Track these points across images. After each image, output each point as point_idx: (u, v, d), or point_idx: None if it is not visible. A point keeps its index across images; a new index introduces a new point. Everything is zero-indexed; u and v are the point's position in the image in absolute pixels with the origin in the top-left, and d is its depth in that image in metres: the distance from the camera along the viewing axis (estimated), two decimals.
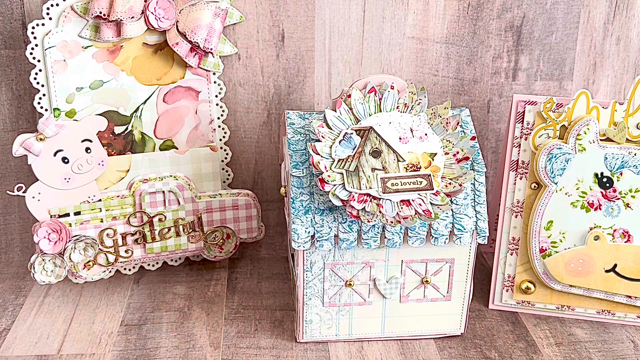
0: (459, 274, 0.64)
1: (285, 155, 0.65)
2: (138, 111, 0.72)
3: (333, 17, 0.76)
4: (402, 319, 0.65)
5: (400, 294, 0.64)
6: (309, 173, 0.60)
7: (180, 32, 0.69)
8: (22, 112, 0.75)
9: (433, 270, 0.63)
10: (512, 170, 0.67)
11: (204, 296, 0.73)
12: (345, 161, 0.58)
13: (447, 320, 0.66)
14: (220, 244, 0.75)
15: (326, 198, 0.59)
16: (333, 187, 0.57)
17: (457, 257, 0.63)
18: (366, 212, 0.56)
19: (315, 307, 0.63)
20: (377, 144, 0.59)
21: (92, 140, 0.69)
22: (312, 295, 0.63)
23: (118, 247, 0.71)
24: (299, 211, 0.59)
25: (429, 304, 0.65)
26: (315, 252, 0.61)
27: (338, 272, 0.62)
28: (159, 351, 0.64)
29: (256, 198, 0.75)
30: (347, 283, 0.63)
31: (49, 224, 0.68)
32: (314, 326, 0.64)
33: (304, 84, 0.78)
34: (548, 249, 0.67)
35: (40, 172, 0.68)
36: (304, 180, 0.60)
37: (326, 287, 0.62)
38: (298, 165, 0.60)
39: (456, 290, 0.65)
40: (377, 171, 0.58)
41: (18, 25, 0.72)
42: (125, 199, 0.71)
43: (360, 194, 0.57)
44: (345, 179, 0.57)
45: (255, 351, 0.64)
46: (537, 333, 0.67)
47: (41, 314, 0.70)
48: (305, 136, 0.62)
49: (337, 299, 0.63)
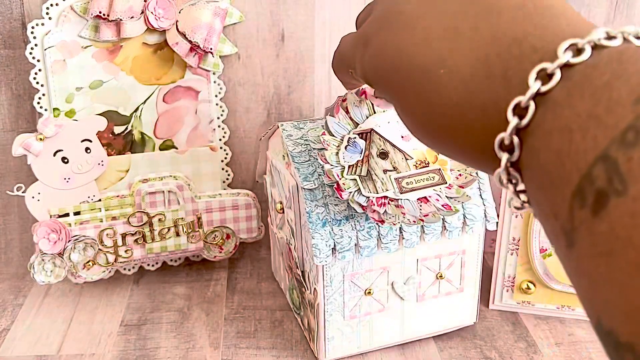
0: (470, 264, 0.64)
1: (282, 171, 0.63)
2: (138, 111, 0.72)
3: (333, 17, 0.76)
4: (420, 319, 0.64)
5: (416, 293, 0.63)
6: (320, 184, 0.58)
7: (180, 31, 0.69)
8: (22, 112, 0.75)
9: (446, 264, 0.63)
10: None
11: (203, 296, 0.73)
12: (355, 166, 0.57)
13: (462, 312, 0.66)
14: (220, 244, 0.75)
15: (341, 208, 0.57)
16: (350, 194, 0.55)
17: (467, 247, 0.63)
18: (389, 215, 0.55)
19: (336, 322, 0.61)
20: (382, 145, 0.58)
21: (91, 140, 0.69)
22: (333, 311, 0.60)
23: (118, 247, 0.71)
24: (317, 225, 0.57)
25: (444, 298, 0.65)
26: (335, 265, 0.58)
27: (357, 282, 0.60)
28: (159, 351, 0.64)
29: (256, 198, 0.75)
30: (367, 292, 0.60)
31: (48, 224, 0.68)
32: (335, 343, 0.62)
33: (304, 84, 0.78)
34: (548, 249, 0.67)
35: (39, 172, 0.68)
36: (317, 192, 0.57)
37: (346, 299, 0.60)
38: (307, 177, 0.58)
39: (468, 281, 0.65)
40: (389, 172, 0.57)
41: (17, 25, 0.72)
42: (125, 199, 0.71)
43: (378, 197, 0.56)
44: (360, 185, 0.56)
45: (255, 351, 0.64)
46: (537, 333, 0.67)
47: (41, 314, 0.70)
48: (306, 147, 0.60)
49: (357, 310, 0.61)
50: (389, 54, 0.34)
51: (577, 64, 0.25)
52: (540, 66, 0.26)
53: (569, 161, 0.23)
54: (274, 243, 0.74)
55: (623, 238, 0.21)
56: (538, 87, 0.26)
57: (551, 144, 0.25)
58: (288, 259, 0.67)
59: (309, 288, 0.62)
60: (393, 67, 0.33)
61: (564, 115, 0.24)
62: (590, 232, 0.22)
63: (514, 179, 0.28)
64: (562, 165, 0.24)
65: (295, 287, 0.66)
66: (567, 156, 0.24)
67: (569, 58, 0.25)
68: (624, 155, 0.21)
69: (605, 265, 0.22)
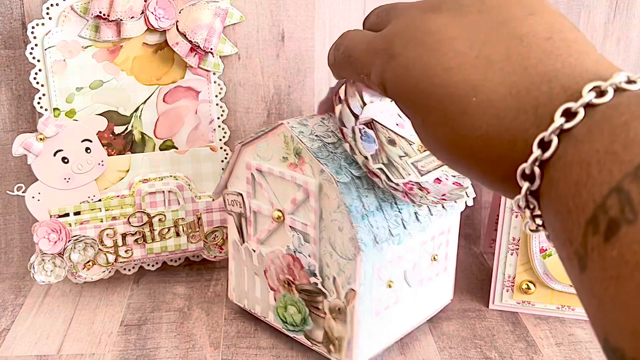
0: (452, 242, 0.66)
1: (287, 173, 0.58)
2: (138, 111, 0.72)
3: (333, 17, 0.76)
4: (419, 305, 0.65)
5: (419, 278, 0.63)
6: (351, 177, 0.55)
7: (180, 32, 0.69)
8: (22, 112, 0.75)
9: (437, 245, 0.64)
10: None
11: (204, 296, 0.73)
12: (377, 155, 0.56)
13: (444, 292, 0.67)
14: (220, 244, 0.75)
15: (371, 199, 0.55)
16: (384, 183, 0.53)
17: (452, 225, 0.65)
18: (420, 197, 0.55)
19: (365, 322, 0.58)
20: (387, 133, 0.58)
21: (92, 140, 0.69)
22: (364, 311, 0.58)
23: (118, 247, 0.71)
24: (357, 218, 0.54)
25: (435, 279, 0.65)
26: (366, 261, 0.56)
27: (381, 276, 0.58)
28: (159, 351, 0.64)
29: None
30: (388, 284, 0.59)
31: (48, 224, 0.68)
32: (363, 344, 0.59)
33: (304, 84, 0.78)
34: (548, 249, 0.67)
35: (40, 172, 0.68)
36: (350, 186, 0.55)
37: (374, 296, 0.58)
38: (339, 171, 0.55)
39: (450, 260, 0.66)
40: (404, 157, 0.57)
41: (18, 25, 0.72)
42: (125, 199, 0.71)
43: (405, 182, 0.55)
44: (387, 172, 0.54)
45: (255, 351, 0.64)
46: (538, 333, 0.67)
47: (41, 314, 0.70)
48: (320, 142, 0.57)
49: (380, 305, 0.59)
50: (417, 74, 0.34)
51: (599, 104, 0.27)
52: (566, 105, 0.28)
53: (586, 192, 0.25)
54: (240, 264, 0.66)
55: (631, 263, 0.23)
56: (561, 123, 0.28)
57: (570, 175, 0.27)
58: (286, 272, 0.62)
59: (335, 293, 0.58)
60: (421, 88, 0.34)
61: (584, 150, 0.26)
62: (602, 257, 0.24)
63: (532, 204, 0.30)
64: (579, 195, 0.26)
65: (297, 302, 0.62)
66: (584, 187, 0.26)
67: (592, 98, 0.27)
68: (636, 188, 0.23)
69: (614, 288, 0.23)
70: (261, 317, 0.66)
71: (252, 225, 0.64)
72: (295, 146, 0.57)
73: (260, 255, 0.64)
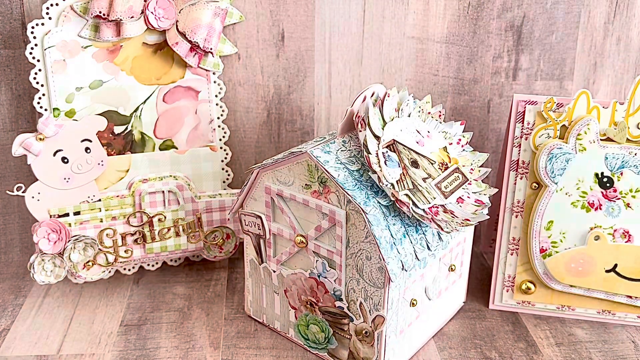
0: (467, 250, 0.67)
1: (311, 201, 0.57)
2: (138, 111, 0.72)
3: (333, 17, 0.76)
4: (437, 314, 0.66)
5: (437, 291, 0.64)
6: (378, 206, 0.55)
7: (180, 31, 0.69)
8: (22, 112, 0.75)
9: (454, 255, 0.64)
10: (513, 170, 0.67)
11: (203, 296, 0.73)
12: (401, 181, 0.55)
13: (459, 296, 0.69)
14: (220, 244, 0.75)
15: (398, 226, 0.55)
16: (410, 210, 0.53)
17: (467, 234, 0.66)
18: (444, 222, 0.54)
19: (391, 342, 0.59)
20: (409, 154, 0.57)
21: (91, 140, 0.69)
22: (391, 333, 0.58)
23: (118, 247, 0.71)
24: (387, 250, 0.54)
25: (451, 287, 0.66)
26: (394, 288, 0.56)
27: (406, 296, 0.58)
28: (159, 351, 0.64)
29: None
30: (411, 303, 0.59)
31: (48, 224, 0.68)
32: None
33: (304, 83, 0.78)
34: (548, 249, 0.67)
35: (39, 172, 0.68)
36: (378, 216, 0.54)
37: (399, 317, 0.58)
38: (367, 202, 0.54)
39: (464, 266, 0.68)
40: (427, 180, 0.56)
41: (17, 25, 0.72)
42: (124, 199, 0.71)
43: (430, 207, 0.55)
44: (413, 198, 0.54)
45: (255, 351, 0.64)
46: (538, 333, 0.67)
47: (41, 314, 0.70)
48: (345, 170, 0.55)
49: (404, 324, 0.60)
50: None
51: None
52: None
53: None
54: (259, 282, 0.66)
55: None
56: None
57: None
58: (309, 294, 0.61)
59: (361, 317, 0.58)
60: None
61: None
62: None
63: None
64: None
65: (320, 322, 0.61)
66: None
67: None
68: None
69: None
70: (282, 333, 0.66)
71: (272, 247, 0.63)
72: (320, 175, 0.56)
73: (281, 275, 0.63)
